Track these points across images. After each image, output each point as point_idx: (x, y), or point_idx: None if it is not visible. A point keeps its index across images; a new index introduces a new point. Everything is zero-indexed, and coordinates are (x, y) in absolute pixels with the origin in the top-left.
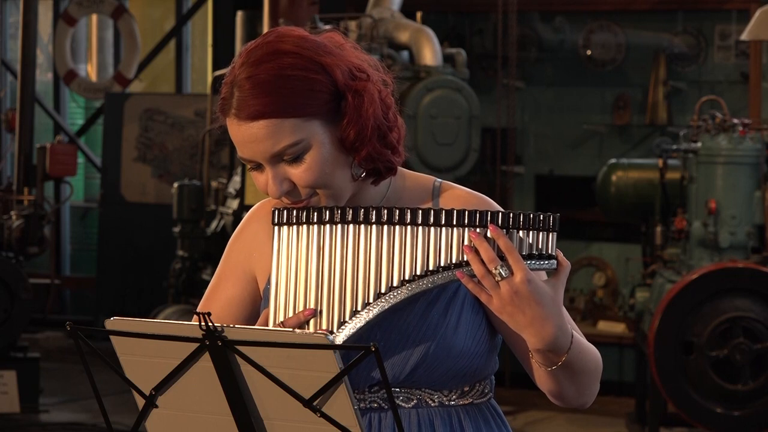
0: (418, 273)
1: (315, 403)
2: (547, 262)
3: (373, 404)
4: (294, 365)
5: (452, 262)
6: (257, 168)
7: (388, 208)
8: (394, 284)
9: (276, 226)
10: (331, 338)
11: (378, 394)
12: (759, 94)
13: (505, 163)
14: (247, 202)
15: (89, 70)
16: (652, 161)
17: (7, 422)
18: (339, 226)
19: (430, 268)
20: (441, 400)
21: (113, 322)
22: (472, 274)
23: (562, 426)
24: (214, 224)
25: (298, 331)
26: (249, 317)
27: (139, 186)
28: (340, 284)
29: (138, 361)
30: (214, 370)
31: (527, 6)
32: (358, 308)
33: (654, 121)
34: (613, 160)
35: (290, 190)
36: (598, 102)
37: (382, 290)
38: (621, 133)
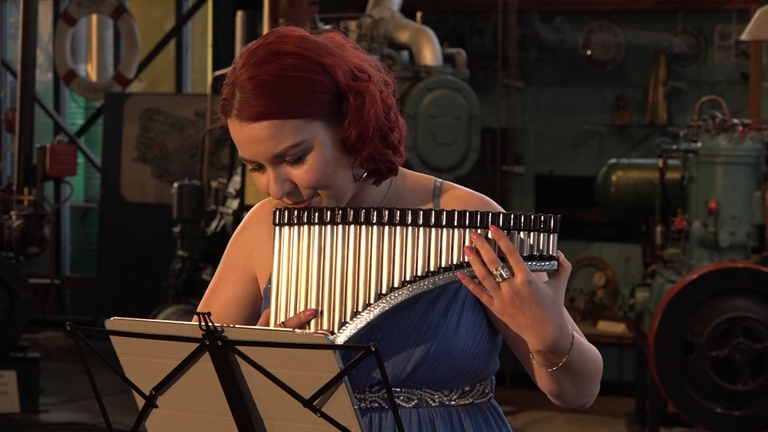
0: (419, 274)
1: (315, 403)
2: (548, 264)
3: (373, 404)
4: (294, 365)
5: (453, 263)
6: (259, 169)
7: (389, 209)
8: (395, 285)
9: (277, 227)
10: (330, 338)
11: (378, 393)
12: (759, 94)
13: (505, 163)
14: (247, 202)
15: (89, 70)
16: (652, 161)
17: (7, 422)
18: (340, 227)
19: (431, 269)
20: (441, 400)
21: (113, 322)
22: (473, 275)
23: (562, 426)
24: (214, 224)
25: (298, 331)
26: (249, 317)
27: (139, 186)
28: (341, 285)
29: (138, 361)
30: (214, 370)
31: (527, 6)
32: (359, 309)
33: (654, 121)
34: (613, 160)
35: (292, 190)
36: (598, 102)
37: (383, 291)
38: (621, 133)
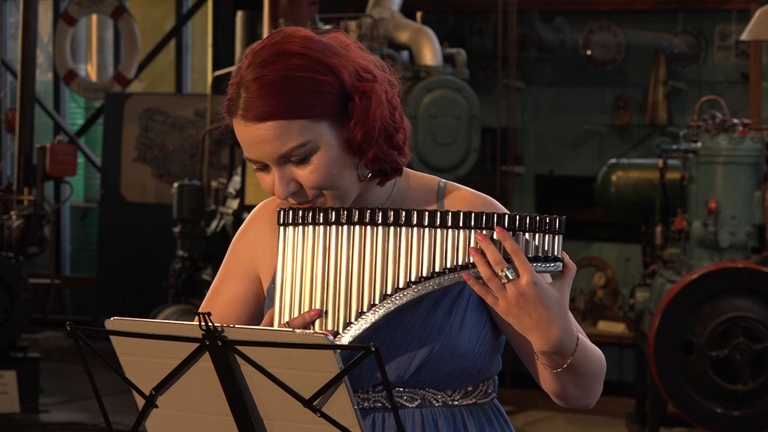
0: (424, 275)
1: (315, 403)
2: (553, 265)
3: (377, 404)
4: (294, 365)
5: (458, 264)
6: (263, 168)
7: (394, 210)
8: (400, 286)
9: (281, 227)
10: (330, 338)
11: (382, 393)
12: (759, 94)
13: (505, 163)
14: (247, 202)
15: (89, 70)
16: (652, 161)
17: (7, 422)
18: (345, 227)
19: (436, 270)
20: (445, 400)
21: (113, 322)
22: (479, 276)
23: (562, 426)
24: (214, 224)
25: (298, 332)
26: (252, 316)
27: (139, 186)
28: (345, 285)
29: (138, 361)
30: (214, 370)
31: (527, 6)
32: (364, 309)
33: (654, 121)
34: (613, 160)
35: (297, 191)
36: (598, 102)
37: (388, 292)
38: (621, 133)
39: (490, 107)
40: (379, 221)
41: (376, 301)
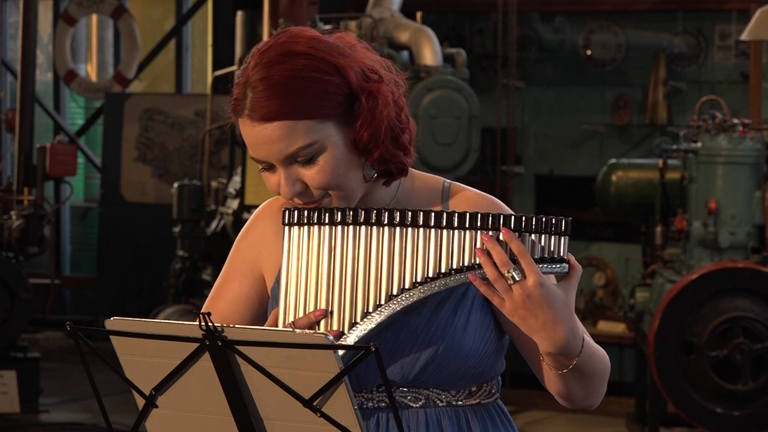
0: (430, 275)
1: (315, 403)
2: (559, 266)
3: (380, 403)
4: (294, 365)
5: (464, 265)
6: (269, 168)
7: (400, 210)
8: (406, 286)
9: (287, 227)
10: (330, 338)
11: (386, 393)
12: (759, 94)
13: (505, 163)
14: (247, 202)
15: (89, 70)
16: (652, 161)
17: (7, 422)
18: (350, 228)
19: (442, 271)
20: (449, 400)
21: (113, 322)
22: (485, 277)
23: (562, 426)
24: (214, 224)
25: (298, 332)
26: (256, 316)
27: (139, 186)
28: (351, 285)
29: (138, 361)
30: (214, 370)
31: (527, 6)
32: (369, 310)
33: (654, 121)
34: (613, 160)
35: (302, 191)
36: (598, 102)
37: (394, 292)
38: (621, 133)
39: (490, 107)
40: (385, 221)
41: (382, 302)
